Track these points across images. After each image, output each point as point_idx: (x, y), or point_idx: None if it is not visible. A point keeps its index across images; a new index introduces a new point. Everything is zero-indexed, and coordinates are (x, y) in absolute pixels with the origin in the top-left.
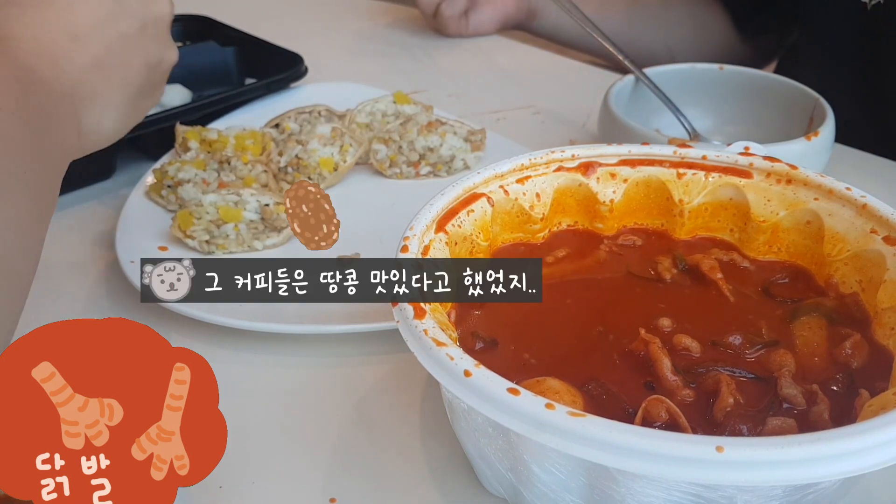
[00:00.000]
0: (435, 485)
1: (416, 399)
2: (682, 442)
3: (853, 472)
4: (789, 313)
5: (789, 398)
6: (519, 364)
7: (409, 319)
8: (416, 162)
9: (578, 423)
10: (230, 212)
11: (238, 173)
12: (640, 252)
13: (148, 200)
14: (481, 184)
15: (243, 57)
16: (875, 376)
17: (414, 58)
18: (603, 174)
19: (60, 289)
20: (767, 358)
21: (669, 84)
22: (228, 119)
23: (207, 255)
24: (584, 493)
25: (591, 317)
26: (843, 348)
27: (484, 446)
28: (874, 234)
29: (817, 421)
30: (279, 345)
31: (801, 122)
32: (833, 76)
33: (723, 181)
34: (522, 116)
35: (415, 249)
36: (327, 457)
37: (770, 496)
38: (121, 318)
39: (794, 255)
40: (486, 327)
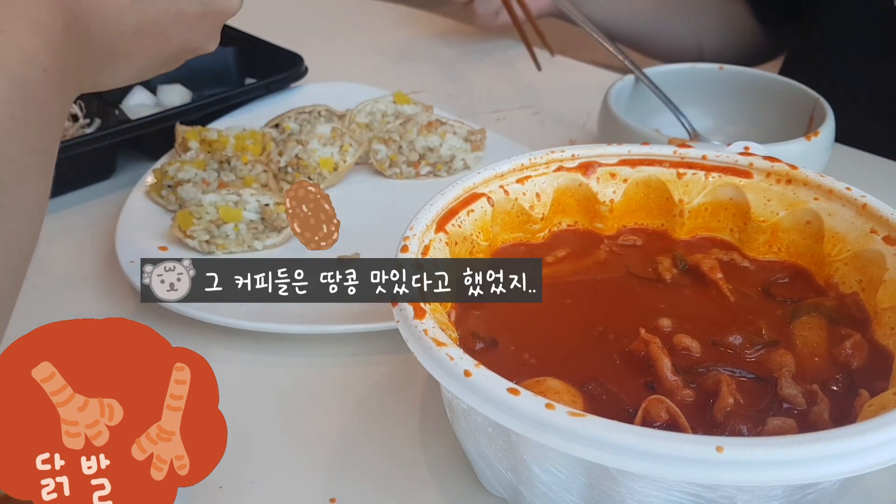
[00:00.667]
0: (435, 485)
1: (416, 399)
2: (682, 442)
3: (853, 472)
4: (789, 313)
5: (789, 398)
6: (519, 364)
7: (409, 319)
8: (416, 162)
9: (578, 423)
10: (230, 212)
11: (238, 173)
12: (640, 252)
13: (148, 200)
14: (481, 184)
15: (243, 57)
16: (875, 376)
17: (414, 58)
18: (603, 174)
19: (60, 289)
20: (767, 358)
21: (669, 84)
22: (228, 119)
23: (207, 255)
24: (584, 493)
25: (591, 317)
26: (843, 348)
27: (484, 446)
28: (874, 234)
29: (817, 421)
30: (279, 345)
31: (801, 122)
32: (849, 74)
33: (723, 181)
34: (522, 116)
35: (415, 249)
36: (327, 457)
37: (770, 496)
38: (121, 318)
39: (794, 255)
40: (486, 327)
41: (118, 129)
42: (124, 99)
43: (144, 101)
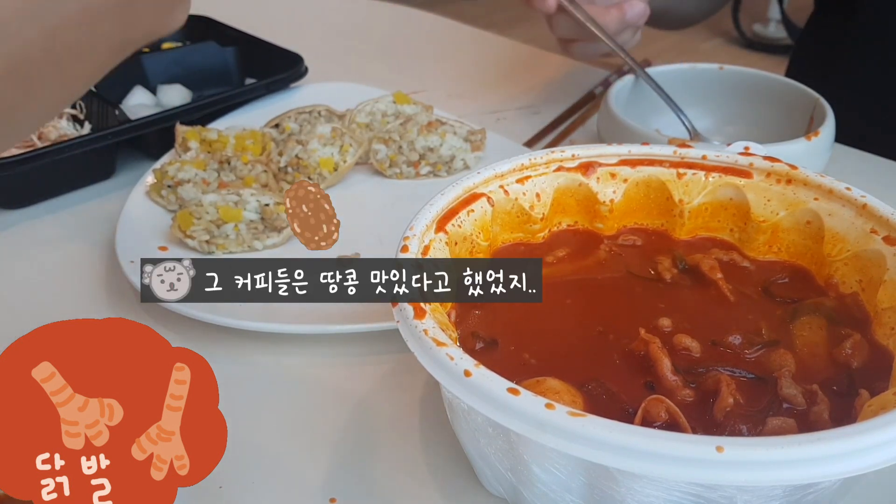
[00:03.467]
0: (435, 485)
1: (416, 399)
2: (682, 442)
3: (853, 472)
4: (789, 313)
5: (789, 398)
6: (519, 364)
7: (409, 319)
8: (416, 162)
9: (578, 423)
10: (230, 212)
11: (238, 173)
12: (640, 252)
13: (148, 200)
14: (481, 184)
15: (243, 57)
16: (875, 376)
17: (414, 58)
18: (603, 174)
19: (60, 289)
20: (767, 358)
21: (669, 84)
22: (228, 119)
23: (207, 255)
24: (584, 493)
25: (592, 317)
26: (843, 348)
27: (484, 446)
28: (874, 234)
29: (817, 421)
30: (279, 345)
31: (801, 122)
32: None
33: (723, 181)
34: (522, 116)
35: (415, 249)
36: (327, 457)
37: (770, 496)
38: (121, 318)
39: (794, 255)
40: (486, 327)
41: (118, 129)
42: (124, 99)
43: (144, 101)
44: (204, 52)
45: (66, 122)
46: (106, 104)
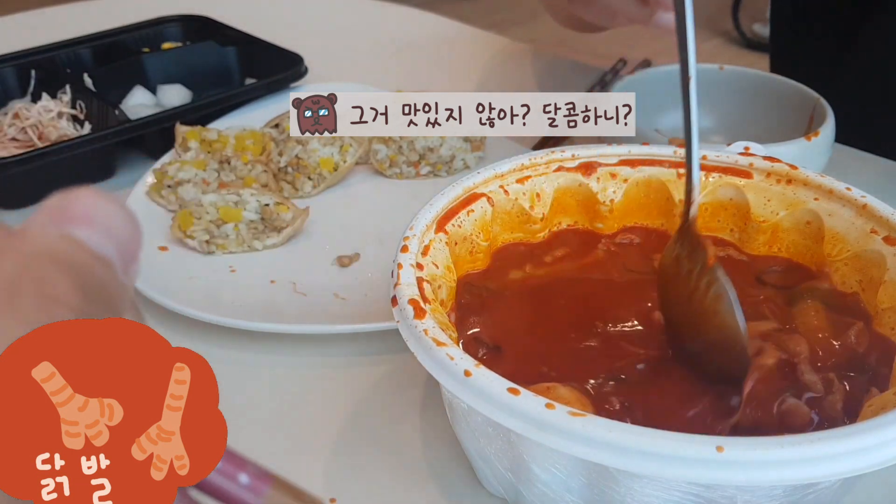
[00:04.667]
0: (435, 485)
1: (416, 399)
2: (682, 442)
3: (853, 472)
4: (786, 299)
5: (810, 385)
6: (525, 369)
7: (409, 319)
8: (416, 162)
9: (578, 423)
10: (230, 212)
11: (238, 173)
12: (639, 250)
13: (148, 200)
14: (481, 184)
15: (243, 57)
16: (881, 363)
17: (414, 58)
18: (603, 174)
19: None
20: (784, 344)
21: (669, 84)
22: (228, 119)
23: (207, 255)
24: (584, 493)
25: (592, 317)
26: (847, 336)
27: (484, 446)
28: (874, 234)
29: (831, 409)
30: (279, 345)
31: (801, 122)
32: None
33: (723, 181)
34: None
35: (415, 249)
36: (327, 457)
37: (770, 496)
38: (121, 318)
39: (794, 255)
40: (487, 331)
41: (118, 129)
42: (124, 99)
43: (144, 101)
44: (204, 52)
45: (66, 122)
46: (106, 104)
